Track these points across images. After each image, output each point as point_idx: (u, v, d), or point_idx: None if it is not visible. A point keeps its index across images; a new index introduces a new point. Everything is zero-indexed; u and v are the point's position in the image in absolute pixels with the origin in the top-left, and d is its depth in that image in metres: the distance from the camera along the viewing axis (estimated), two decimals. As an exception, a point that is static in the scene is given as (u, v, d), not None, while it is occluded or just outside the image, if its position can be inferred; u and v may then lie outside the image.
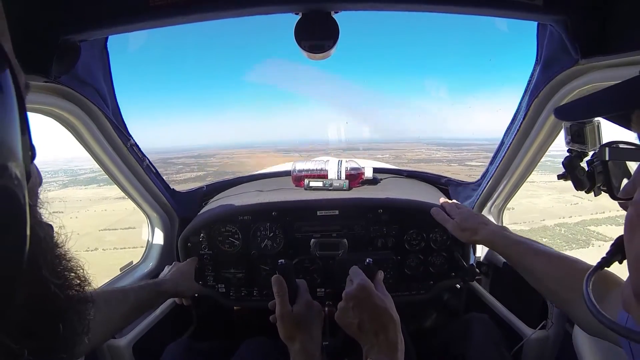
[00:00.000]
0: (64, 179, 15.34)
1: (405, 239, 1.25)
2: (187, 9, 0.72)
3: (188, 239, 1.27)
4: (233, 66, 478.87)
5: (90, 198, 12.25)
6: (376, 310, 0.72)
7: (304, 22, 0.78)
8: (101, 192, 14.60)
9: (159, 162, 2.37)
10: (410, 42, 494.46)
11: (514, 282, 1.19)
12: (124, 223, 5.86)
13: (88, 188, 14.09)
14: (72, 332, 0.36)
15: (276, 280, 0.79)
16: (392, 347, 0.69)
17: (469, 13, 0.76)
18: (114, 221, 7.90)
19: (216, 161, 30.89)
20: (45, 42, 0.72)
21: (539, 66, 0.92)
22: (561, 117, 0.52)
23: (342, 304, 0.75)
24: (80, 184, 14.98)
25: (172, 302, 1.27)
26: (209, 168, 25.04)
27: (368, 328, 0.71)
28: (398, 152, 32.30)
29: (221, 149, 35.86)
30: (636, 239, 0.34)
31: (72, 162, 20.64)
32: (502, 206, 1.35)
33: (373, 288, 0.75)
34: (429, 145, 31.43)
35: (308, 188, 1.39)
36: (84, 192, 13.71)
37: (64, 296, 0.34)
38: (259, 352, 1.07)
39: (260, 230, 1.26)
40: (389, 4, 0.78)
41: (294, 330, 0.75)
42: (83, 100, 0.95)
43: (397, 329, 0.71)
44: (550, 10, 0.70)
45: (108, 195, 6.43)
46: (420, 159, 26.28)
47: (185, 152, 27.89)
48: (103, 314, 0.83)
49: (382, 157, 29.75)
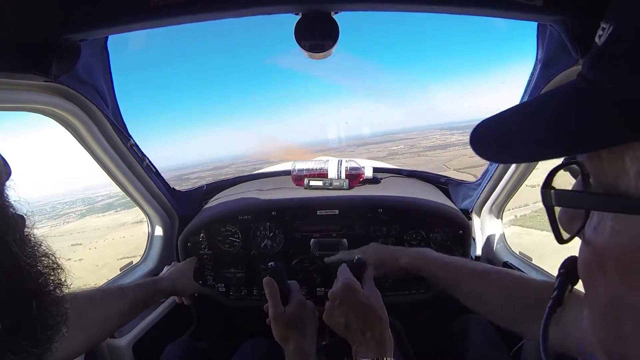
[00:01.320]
0: (82, 209, 15.38)
1: (405, 239, 1.25)
2: (187, 9, 0.72)
3: (188, 239, 1.27)
4: (241, 72, 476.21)
5: (108, 225, 12.22)
6: (361, 308, 0.72)
7: (304, 23, 0.78)
8: (119, 217, 14.53)
9: (174, 180, 2.37)
10: (412, 34, 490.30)
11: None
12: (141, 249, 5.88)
13: (106, 215, 14.06)
14: (47, 314, 0.36)
15: (267, 282, 0.79)
16: (380, 345, 0.69)
17: (469, 13, 0.76)
18: (132, 248, 7.86)
19: (231, 171, 30.97)
20: (46, 41, 0.72)
21: (539, 66, 0.92)
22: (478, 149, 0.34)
23: (328, 303, 0.75)
24: (98, 211, 14.97)
25: (172, 302, 1.27)
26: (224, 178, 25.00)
27: (354, 327, 0.71)
28: (412, 141, 31.76)
29: (236, 159, 35.78)
30: (598, 289, 0.29)
31: (89, 189, 20.61)
32: (502, 205, 1.35)
33: (358, 286, 0.75)
34: (443, 130, 30.78)
35: (308, 187, 1.39)
36: (101, 220, 13.69)
37: (34, 273, 0.35)
38: (259, 351, 1.07)
39: (260, 230, 1.26)
40: (389, 5, 0.78)
41: (287, 331, 0.75)
42: (83, 100, 0.95)
43: (383, 326, 0.71)
44: (550, 10, 0.70)
45: (126, 221, 6.41)
46: (436, 146, 25.69)
47: (200, 166, 27.69)
48: (100, 312, 0.83)
49: (396, 148, 29.22)
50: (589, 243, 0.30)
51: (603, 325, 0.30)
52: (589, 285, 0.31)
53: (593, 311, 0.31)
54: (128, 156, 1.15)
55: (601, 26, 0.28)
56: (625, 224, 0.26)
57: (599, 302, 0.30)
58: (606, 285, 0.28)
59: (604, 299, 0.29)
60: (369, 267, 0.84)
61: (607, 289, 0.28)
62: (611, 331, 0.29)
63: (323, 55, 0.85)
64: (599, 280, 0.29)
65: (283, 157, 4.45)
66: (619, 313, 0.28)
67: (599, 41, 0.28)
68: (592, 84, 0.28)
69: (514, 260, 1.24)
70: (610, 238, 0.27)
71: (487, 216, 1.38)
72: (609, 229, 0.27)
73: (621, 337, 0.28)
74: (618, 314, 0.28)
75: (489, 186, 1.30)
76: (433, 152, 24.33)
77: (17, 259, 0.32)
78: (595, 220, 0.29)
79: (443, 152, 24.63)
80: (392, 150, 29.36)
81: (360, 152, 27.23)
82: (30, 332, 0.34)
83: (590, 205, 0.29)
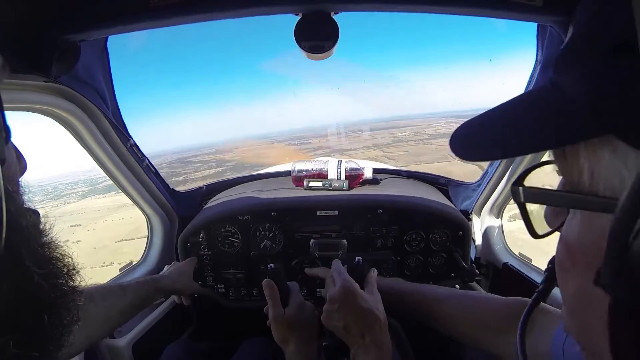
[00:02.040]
0: (83, 189, 15.29)
1: (404, 240, 1.25)
2: (187, 9, 0.72)
3: (188, 240, 1.27)
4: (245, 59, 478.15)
5: (108, 207, 12.15)
6: (361, 312, 0.72)
7: (304, 23, 0.78)
8: (119, 198, 14.24)
9: (177, 162, 2.36)
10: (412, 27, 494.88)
11: (513, 283, 1.19)
12: (140, 231, 5.69)
13: (107, 196, 13.93)
14: (59, 323, 0.35)
15: (267, 284, 0.79)
16: (378, 347, 0.69)
17: (469, 14, 0.76)
18: (130, 230, 7.73)
19: (235, 155, 30.22)
20: (46, 41, 0.72)
21: (539, 67, 0.92)
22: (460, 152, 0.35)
23: (326, 306, 0.75)
24: (99, 192, 14.80)
25: (172, 302, 1.27)
26: (227, 163, 24.37)
27: (353, 330, 0.71)
28: (417, 128, 31.46)
29: (239, 142, 35.08)
30: (569, 282, 0.31)
31: (92, 171, 20.21)
32: (502, 206, 1.35)
33: (357, 289, 0.75)
34: (448, 118, 30.52)
35: (308, 188, 1.39)
36: (102, 201, 13.58)
37: (48, 286, 0.33)
38: (259, 352, 1.08)
39: (260, 231, 1.26)
40: (389, 5, 0.78)
41: (287, 333, 0.75)
42: (83, 100, 0.95)
43: (382, 329, 0.71)
44: (550, 11, 0.70)
45: (126, 202, 6.31)
46: (442, 134, 25.28)
47: (203, 149, 27.37)
48: (101, 309, 0.83)
49: (401, 135, 28.97)
50: (562, 239, 0.32)
51: (572, 318, 0.32)
52: (561, 280, 0.33)
53: (565, 305, 0.33)
54: (128, 156, 1.15)
55: (570, 28, 0.30)
56: (591, 219, 0.27)
57: (569, 296, 0.31)
58: (576, 279, 0.30)
59: (573, 293, 0.30)
60: (372, 270, 0.84)
61: (577, 282, 0.30)
62: (579, 324, 0.31)
63: (323, 56, 0.85)
64: (571, 274, 0.30)
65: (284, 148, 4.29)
66: (584, 306, 0.29)
67: (563, 44, 0.30)
68: (555, 87, 0.29)
69: (514, 261, 1.24)
70: (579, 233, 0.29)
71: (486, 217, 1.38)
72: (578, 224, 0.29)
73: (585, 329, 0.30)
74: (583, 306, 0.29)
75: (489, 187, 1.30)
76: (439, 141, 24.02)
77: (30, 272, 0.31)
78: (570, 217, 0.31)
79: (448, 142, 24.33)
80: (397, 136, 29.09)
81: (366, 139, 26.84)
82: (41, 345, 0.33)
83: (554, 202, 0.32)
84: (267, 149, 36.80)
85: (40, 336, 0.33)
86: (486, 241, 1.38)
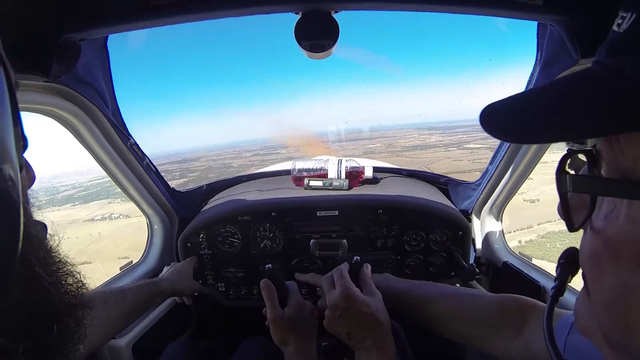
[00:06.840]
0: (42, 199, 14.69)
1: (405, 239, 1.25)
2: (187, 8, 0.72)
3: (188, 239, 1.27)
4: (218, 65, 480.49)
5: (59, 222, 11.84)
6: (363, 317, 0.72)
7: (304, 22, 0.78)
8: (72, 213, 13.38)
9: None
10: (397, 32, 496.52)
11: (514, 281, 1.19)
12: (82, 255, 5.22)
13: (61, 209, 13.23)
14: (67, 334, 0.35)
15: (265, 284, 0.79)
16: (381, 351, 0.70)
17: (469, 13, 0.76)
18: (73, 252, 7.32)
19: (199, 165, 29.82)
20: (46, 41, 0.72)
21: (539, 66, 0.92)
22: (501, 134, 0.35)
23: (328, 312, 0.74)
24: (56, 204, 14.03)
25: (172, 302, 1.27)
26: (191, 174, 23.98)
27: (356, 335, 0.71)
28: (389, 139, 31.17)
29: (207, 151, 34.34)
30: (606, 278, 0.29)
31: (58, 177, 19.23)
32: (502, 206, 1.35)
33: (357, 294, 0.74)
34: (420, 130, 30.17)
35: (308, 187, 1.39)
36: (54, 215, 13.26)
37: (57, 294, 0.34)
38: (259, 351, 1.08)
39: (260, 231, 1.26)
40: (389, 4, 0.77)
41: (286, 333, 0.75)
42: (83, 100, 0.95)
43: (384, 330, 0.71)
44: (551, 10, 0.70)
45: (78, 217, 5.78)
46: (415, 146, 25.00)
47: (170, 157, 26.75)
48: (101, 314, 0.83)
49: (373, 146, 28.83)
50: (598, 232, 0.29)
51: (609, 316, 0.29)
52: (594, 275, 0.30)
53: (597, 302, 0.30)
54: (128, 156, 1.15)
55: (620, 15, 0.27)
56: None
57: (605, 291, 0.29)
58: (617, 275, 0.27)
59: (612, 289, 0.28)
60: (366, 266, 0.83)
61: (618, 278, 0.27)
62: (618, 321, 0.28)
63: (323, 55, 0.85)
64: (609, 270, 0.28)
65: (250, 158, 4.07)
66: (628, 302, 0.27)
67: (619, 29, 0.27)
68: (612, 71, 0.27)
69: (514, 260, 1.24)
70: (624, 226, 0.27)
71: (486, 217, 1.38)
72: (624, 216, 0.27)
73: (629, 327, 0.27)
74: (628, 303, 0.27)
75: (489, 187, 1.30)
76: (412, 153, 23.83)
77: (39, 280, 0.31)
78: (605, 209, 0.29)
79: (423, 153, 23.93)
80: (369, 148, 28.90)
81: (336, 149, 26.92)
82: (49, 354, 0.33)
83: (607, 192, 0.29)
84: (233, 158, 36.15)
85: (48, 346, 0.33)
86: (486, 240, 1.38)
